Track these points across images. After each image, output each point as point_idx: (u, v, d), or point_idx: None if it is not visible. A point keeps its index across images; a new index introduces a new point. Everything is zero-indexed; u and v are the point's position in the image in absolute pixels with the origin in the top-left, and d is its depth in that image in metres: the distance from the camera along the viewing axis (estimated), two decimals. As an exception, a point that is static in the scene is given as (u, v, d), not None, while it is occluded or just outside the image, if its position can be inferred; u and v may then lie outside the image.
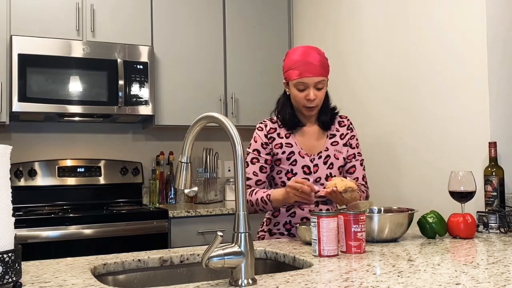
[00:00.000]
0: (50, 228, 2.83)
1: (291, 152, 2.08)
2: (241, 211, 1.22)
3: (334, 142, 2.13)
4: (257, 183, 2.07)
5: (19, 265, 1.18)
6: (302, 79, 2.00)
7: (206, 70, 3.65)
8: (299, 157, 2.07)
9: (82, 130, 3.64)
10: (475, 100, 2.41)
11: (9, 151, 1.20)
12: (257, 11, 3.83)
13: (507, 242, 1.74)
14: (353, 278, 1.24)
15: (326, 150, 2.10)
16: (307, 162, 2.08)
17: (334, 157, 2.11)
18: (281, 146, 2.09)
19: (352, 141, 2.17)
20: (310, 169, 2.07)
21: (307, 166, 2.07)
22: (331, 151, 2.11)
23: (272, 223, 2.13)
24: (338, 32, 3.42)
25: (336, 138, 2.14)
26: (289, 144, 2.09)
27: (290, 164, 2.07)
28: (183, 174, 1.36)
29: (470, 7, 2.43)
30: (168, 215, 3.11)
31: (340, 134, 2.16)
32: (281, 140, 2.10)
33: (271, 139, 2.10)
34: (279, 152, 2.08)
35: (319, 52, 2.06)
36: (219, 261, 1.18)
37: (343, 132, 2.16)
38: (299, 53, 2.04)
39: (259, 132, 2.12)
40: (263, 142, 2.10)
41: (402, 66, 2.87)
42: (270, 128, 2.12)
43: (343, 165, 2.14)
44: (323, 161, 2.09)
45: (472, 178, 1.95)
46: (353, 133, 2.19)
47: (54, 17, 3.24)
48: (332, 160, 2.10)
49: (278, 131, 2.12)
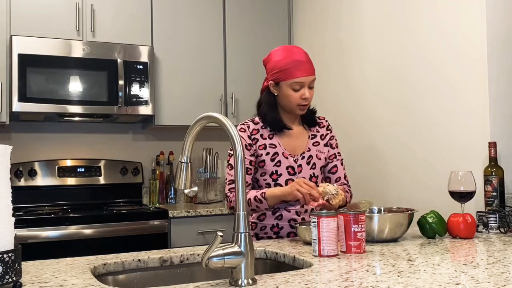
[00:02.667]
0: (50, 228, 2.83)
1: (275, 153, 2.07)
2: (241, 211, 1.22)
3: (316, 143, 2.14)
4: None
5: (19, 265, 1.18)
6: (299, 78, 1.99)
7: (206, 70, 3.65)
8: (283, 157, 2.07)
9: (82, 130, 3.64)
10: (475, 100, 2.41)
11: (9, 151, 1.20)
12: (257, 11, 3.83)
13: (507, 242, 1.74)
14: (353, 278, 1.24)
15: (308, 151, 2.11)
16: (291, 162, 2.07)
17: (316, 157, 2.12)
18: (265, 147, 2.07)
19: (332, 141, 2.18)
20: (295, 169, 2.07)
21: (292, 166, 2.07)
22: (313, 151, 2.12)
23: (258, 227, 2.10)
24: (338, 32, 3.42)
25: (317, 138, 2.15)
26: (272, 145, 2.08)
27: (274, 165, 2.06)
28: (183, 174, 1.36)
29: (470, 7, 2.43)
30: (168, 215, 3.11)
31: (321, 135, 2.17)
32: (265, 141, 2.08)
33: (254, 140, 2.08)
34: (263, 153, 2.06)
35: (302, 50, 2.06)
36: (219, 261, 1.18)
37: (323, 132, 2.18)
38: (285, 53, 2.02)
39: (242, 134, 2.08)
40: (246, 143, 2.07)
41: (402, 66, 2.87)
42: (253, 129, 2.10)
43: (324, 165, 2.15)
44: (306, 161, 2.09)
45: (472, 178, 1.95)
46: (332, 133, 2.21)
47: (54, 17, 3.24)
48: (314, 160, 2.11)
49: (261, 132, 2.10)
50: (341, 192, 1.85)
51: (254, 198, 1.97)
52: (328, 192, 1.84)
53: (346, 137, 3.23)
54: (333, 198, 1.83)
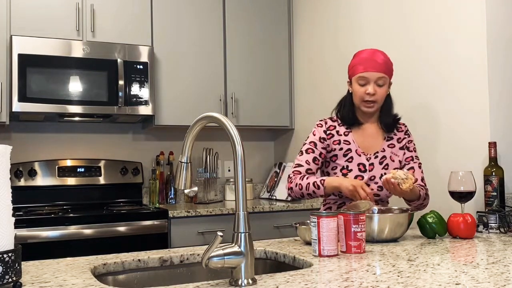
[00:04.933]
0: (50, 228, 2.83)
1: (348, 149, 2.14)
2: (241, 211, 1.22)
3: (391, 145, 2.19)
4: (308, 172, 2.12)
5: (19, 265, 1.18)
6: (363, 73, 2.09)
7: (206, 70, 3.65)
8: (355, 154, 2.13)
9: (82, 130, 3.64)
10: (475, 100, 2.41)
11: (9, 151, 1.20)
12: (257, 11, 3.83)
13: (507, 242, 1.74)
14: (353, 278, 1.24)
15: (383, 151, 2.16)
16: (363, 160, 2.13)
17: (390, 159, 2.16)
18: (339, 143, 2.15)
19: (409, 145, 2.22)
20: (366, 167, 2.12)
21: (363, 164, 2.12)
22: (387, 152, 2.16)
23: None
24: (337, 32, 3.42)
25: (393, 141, 2.20)
26: (347, 141, 2.16)
27: (346, 160, 2.13)
28: (183, 174, 1.36)
29: (470, 7, 2.43)
30: (168, 215, 3.11)
31: (397, 138, 2.21)
32: (340, 137, 2.17)
33: (329, 135, 2.17)
34: (337, 148, 2.15)
35: (384, 54, 2.15)
36: (219, 261, 1.18)
37: (400, 136, 2.22)
38: (366, 53, 2.14)
39: (319, 128, 2.20)
40: (321, 136, 2.17)
41: (401, 66, 2.87)
42: (330, 125, 2.20)
43: (398, 168, 2.17)
44: (379, 161, 2.14)
45: (472, 178, 1.95)
46: (410, 138, 2.24)
47: (54, 17, 3.24)
48: (388, 161, 2.15)
49: (337, 128, 2.19)
50: (411, 176, 1.89)
51: (313, 183, 2.05)
52: (398, 177, 1.87)
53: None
54: (403, 183, 1.86)
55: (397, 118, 2.24)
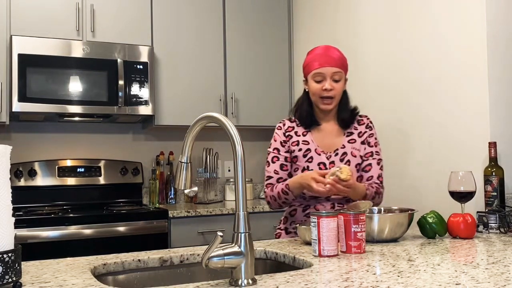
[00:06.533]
0: (50, 228, 2.83)
1: (308, 149, 2.12)
2: (241, 211, 1.22)
3: (352, 140, 2.15)
4: (279, 181, 2.11)
5: (19, 265, 1.18)
6: (319, 69, 2.06)
7: (206, 70, 3.65)
8: (315, 154, 2.11)
9: (82, 130, 3.64)
10: (475, 100, 2.41)
11: (9, 151, 1.20)
12: (257, 11, 3.83)
13: (507, 242, 1.74)
14: (353, 278, 1.24)
15: (343, 148, 2.13)
16: (323, 159, 2.10)
17: (351, 155, 2.12)
18: (298, 144, 2.13)
19: (370, 139, 2.17)
20: (326, 166, 2.09)
21: (323, 163, 2.10)
22: (348, 149, 2.13)
23: (288, 221, 2.17)
24: (337, 32, 3.42)
25: (353, 136, 2.16)
26: (305, 141, 2.13)
27: (306, 161, 2.10)
28: (183, 174, 1.36)
29: (470, 7, 2.43)
30: (168, 215, 3.11)
31: (358, 132, 2.17)
32: (298, 138, 2.14)
33: (288, 137, 2.15)
34: (296, 149, 2.12)
35: (338, 50, 2.14)
36: (219, 261, 1.18)
37: (362, 130, 2.17)
38: (319, 49, 2.13)
39: (278, 131, 2.18)
40: (281, 140, 2.15)
41: (401, 66, 2.87)
42: (288, 126, 2.18)
43: (360, 163, 2.14)
44: (339, 158, 2.11)
45: (472, 178, 1.95)
46: (372, 131, 2.19)
47: (54, 17, 3.24)
48: (349, 157, 2.11)
49: (295, 129, 2.17)
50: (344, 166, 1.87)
51: (282, 191, 2.05)
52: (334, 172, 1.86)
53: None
54: (340, 173, 1.84)
55: (356, 112, 2.19)
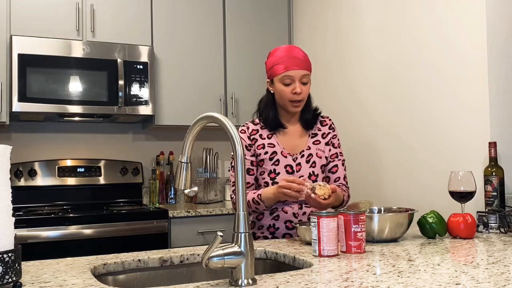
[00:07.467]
0: (50, 228, 2.83)
1: (274, 152, 2.09)
2: (241, 211, 1.22)
3: (316, 141, 2.14)
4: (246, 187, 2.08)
5: (19, 265, 1.18)
6: (288, 72, 2.02)
7: (206, 70, 3.65)
8: (281, 156, 2.08)
9: (82, 130, 3.64)
10: (475, 100, 2.41)
11: (9, 151, 1.20)
12: (257, 11, 3.83)
13: (507, 242, 1.74)
14: (353, 278, 1.24)
15: (308, 149, 2.11)
16: (289, 161, 2.08)
17: (317, 156, 2.11)
18: (264, 147, 2.10)
19: (334, 140, 2.17)
20: (293, 168, 2.08)
21: (290, 165, 2.08)
22: (313, 150, 2.12)
23: (256, 226, 2.14)
24: (338, 32, 3.42)
25: (318, 137, 2.15)
26: (271, 144, 2.10)
27: (273, 164, 2.08)
28: (183, 174, 1.36)
29: (470, 7, 2.43)
30: (168, 215, 3.11)
31: (322, 133, 2.16)
32: (263, 141, 2.11)
33: (253, 140, 2.12)
34: (262, 152, 2.09)
35: (301, 49, 2.10)
36: (219, 261, 1.18)
37: (325, 131, 2.17)
38: (282, 50, 2.07)
39: (242, 135, 2.13)
40: (246, 144, 2.11)
41: (402, 66, 2.87)
42: (252, 129, 2.14)
43: (325, 163, 2.14)
44: (305, 160, 2.09)
45: (472, 178, 1.95)
46: (335, 132, 2.19)
47: (54, 17, 3.24)
48: (314, 159, 2.11)
49: (260, 132, 2.13)
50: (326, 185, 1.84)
51: (253, 200, 2.02)
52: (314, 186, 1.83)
53: (346, 136, 3.23)
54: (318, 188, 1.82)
55: (318, 112, 2.18)
